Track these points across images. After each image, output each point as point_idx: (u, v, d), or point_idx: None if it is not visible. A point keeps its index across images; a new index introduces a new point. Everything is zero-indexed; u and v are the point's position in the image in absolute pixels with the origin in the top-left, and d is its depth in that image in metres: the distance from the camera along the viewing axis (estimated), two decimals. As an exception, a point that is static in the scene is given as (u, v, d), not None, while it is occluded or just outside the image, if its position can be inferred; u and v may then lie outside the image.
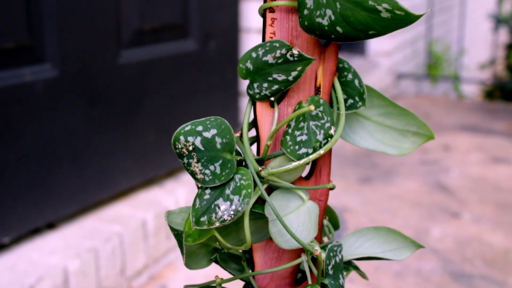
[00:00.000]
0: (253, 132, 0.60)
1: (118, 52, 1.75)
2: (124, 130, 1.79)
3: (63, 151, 1.59)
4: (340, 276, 0.57)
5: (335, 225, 0.64)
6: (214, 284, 0.61)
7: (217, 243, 0.61)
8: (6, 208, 1.46)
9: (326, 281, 0.55)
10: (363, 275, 0.64)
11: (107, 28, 1.72)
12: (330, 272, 0.56)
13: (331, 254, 0.56)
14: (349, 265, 0.63)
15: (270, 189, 0.58)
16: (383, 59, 3.93)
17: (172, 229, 0.56)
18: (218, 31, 2.16)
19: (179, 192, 1.90)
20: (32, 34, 1.51)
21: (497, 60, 5.00)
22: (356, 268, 0.63)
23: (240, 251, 0.62)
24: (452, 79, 4.47)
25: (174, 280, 1.77)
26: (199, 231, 0.55)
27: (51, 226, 1.63)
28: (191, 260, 0.60)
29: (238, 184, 0.54)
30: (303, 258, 0.57)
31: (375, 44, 3.93)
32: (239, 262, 0.62)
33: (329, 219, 0.63)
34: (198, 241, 0.55)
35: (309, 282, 0.57)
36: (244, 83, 2.31)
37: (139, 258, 1.70)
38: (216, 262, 0.61)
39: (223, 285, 0.61)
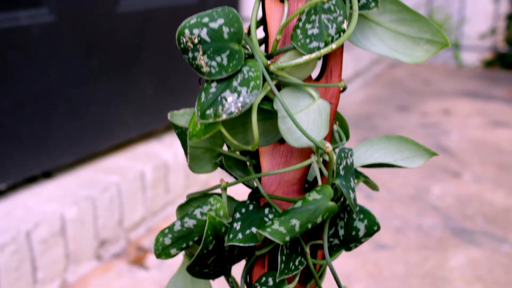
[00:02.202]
0: (260, 34, 0.57)
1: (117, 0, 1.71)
2: (122, 81, 1.75)
3: (60, 99, 1.56)
4: (351, 179, 0.55)
5: (345, 134, 0.61)
6: (214, 191, 0.59)
7: (222, 148, 0.59)
8: (2, 154, 1.44)
9: (337, 181, 0.53)
10: (373, 186, 0.61)
11: (105, -25, 1.68)
12: (341, 173, 0.53)
13: (342, 155, 0.54)
14: (359, 174, 0.60)
15: (279, 88, 0.55)
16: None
17: (176, 127, 0.53)
18: (218, -15, 2.13)
19: (177, 146, 1.87)
20: (28, -24, 1.47)
21: (498, 30, 4.96)
22: (366, 178, 0.61)
23: (247, 158, 0.59)
24: (452, 47, 4.44)
25: (173, 233, 1.75)
26: (204, 128, 0.53)
27: (47, 175, 1.61)
28: (195, 164, 0.57)
29: (246, 76, 0.51)
30: (313, 158, 0.55)
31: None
32: (245, 169, 0.59)
33: (339, 125, 0.60)
34: (203, 136, 0.52)
35: (319, 183, 0.55)
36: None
37: (137, 210, 1.68)
38: (221, 166, 0.59)
39: (228, 194, 0.59)
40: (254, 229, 0.55)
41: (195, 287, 0.65)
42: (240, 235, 0.54)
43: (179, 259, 1.65)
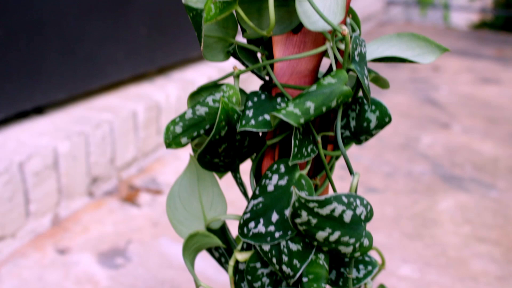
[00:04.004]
0: None
1: None
2: (115, 19, 1.73)
3: (52, 32, 1.54)
4: (365, 67, 0.55)
5: (358, 26, 0.61)
6: (222, 83, 0.59)
7: (235, 38, 0.58)
8: (-6, 86, 1.42)
9: (353, 66, 0.52)
10: (384, 83, 0.61)
11: None
12: (356, 58, 0.53)
13: (357, 41, 0.54)
14: (369, 70, 0.60)
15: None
16: (374, -18, 3.87)
17: (190, 9, 0.52)
18: None
19: (169, 88, 1.86)
20: None
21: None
22: (377, 73, 0.61)
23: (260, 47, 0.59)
24: (442, 7, 4.43)
25: (164, 174, 1.75)
26: (219, 10, 0.52)
27: (39, 111, 1.59)
28: (208, 52, 0.57)
29: (264, -46, 0.51)
30: (328, 45, 0.54)
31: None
32: (257, 61, 0.59)
33: (352, 18, 0.60)
34: (219, 16, 0.51)
35: (334, 69, 0.54)
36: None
37: (129, 149, 1.68)
38: (234, 55, 0.58)
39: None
40: (266, 116, 0.55)
41: (201, 186, 0.65)
42: (252, 121, 0.54)
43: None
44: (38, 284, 1.22)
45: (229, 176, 1.31)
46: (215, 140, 0.55)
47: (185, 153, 1.89)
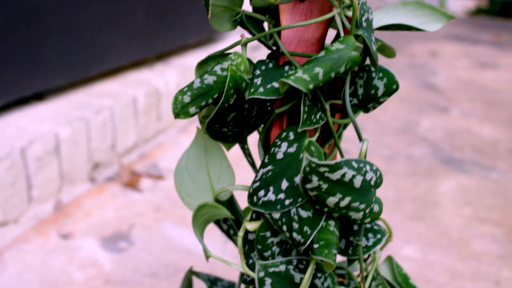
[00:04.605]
0: None
1: None
2: (113, 5, 1.73)
3: (51, 19, 1.53)
4: (372, 34, 0.55)
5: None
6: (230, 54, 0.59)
7: (241, 8, 0.58)
8: (-6, 72, 1.42)
9: (360, 32, 0.52)
10: (390, 52, 0.61)
11: None
12: (364, 24, 0.53)
13: (364, 8, 0.54)
14: (376, 39, 0.60)
15: None
16: (370, -31, 3.87)
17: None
18: None
19: (169, 75, 1.86)
20: None
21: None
22: (383, 42, 0.61)
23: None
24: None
25: (165, 160, 1.75)
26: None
27: (39, 97, 1.59)
28: (215, 21, 0.57)
29: None
30: (335, 11, 0.54)
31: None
32: (264, 29, 0.59)
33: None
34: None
35: (342, 35, 0.54)
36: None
37: (129, 135, 1.68)
38: (241, 24, 0.58)
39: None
40: (275, 84, 0.55)
41: (208, 159, 0.65)
42: (261, 89, 0.54)
43: (172, 186, 1.66)
44: (42, 269, 1.23)
45: (231, 158, 1.31)
46: (224, 108, 0.55)
47: (186, 139, 1.89)
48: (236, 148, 1.09)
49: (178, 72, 1.90)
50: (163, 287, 1.18)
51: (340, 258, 1.23)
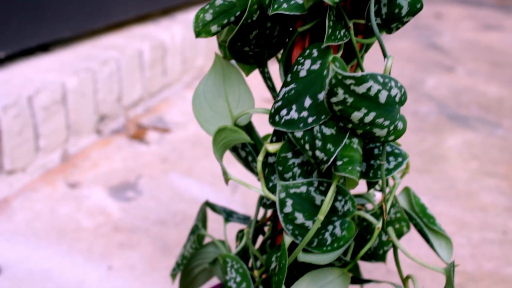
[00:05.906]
0: None
1: None
2: (118, -43, 1.71)
3: (56, -32, 1.51)
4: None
5: None
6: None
7: None
8: (0, 21, 1.40)
9: None
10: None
11: None
12: None
13: None
14: None
15: None
16: None
17: None
18: None
19: (174, 29, 1.85)
20: None
21: None
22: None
23: None
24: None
25: (171, 114, 1.75)
26: None
27: (45, 49, 1.58)
28: None
29: None
30: None
31: None
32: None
33: None
34: None
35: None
36: None
37: (135, 89, 1.67)
38: None
39: None
40: (299, -1, 0.54)
41: (227, 85, 0.64)
42: (285, 5, 0.53)
43: (179, 139, 1.62)
44: (51, 216, 1.23)
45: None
46: (247, 24, 0.54)
47: (192, 95, 1.89)
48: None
49: (184, 27, 1.88)
50: (172, 234, 1.19)
51: (356, 190, 1.22)
